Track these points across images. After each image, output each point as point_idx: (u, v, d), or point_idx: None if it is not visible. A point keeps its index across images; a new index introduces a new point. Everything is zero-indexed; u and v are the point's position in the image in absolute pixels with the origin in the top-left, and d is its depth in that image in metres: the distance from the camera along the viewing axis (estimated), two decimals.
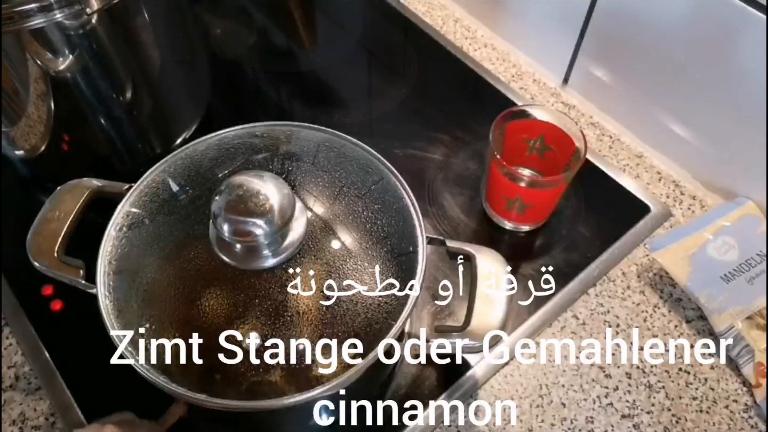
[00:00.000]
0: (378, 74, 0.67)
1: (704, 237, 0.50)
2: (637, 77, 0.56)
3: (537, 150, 0.52)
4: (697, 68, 0.51)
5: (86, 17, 0.42)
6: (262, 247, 0.39)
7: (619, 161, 0.58)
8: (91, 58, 0.46)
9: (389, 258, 0.39)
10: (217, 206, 0.37)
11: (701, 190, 0.57)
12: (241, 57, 0.68)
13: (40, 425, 0.45)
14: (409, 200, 0.41)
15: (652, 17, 0.52)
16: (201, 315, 0.45)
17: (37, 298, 0.49)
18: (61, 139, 0.51)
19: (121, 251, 0.41)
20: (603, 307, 0.50)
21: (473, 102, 0.63)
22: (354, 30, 0.71)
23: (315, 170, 0.44)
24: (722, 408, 0.45)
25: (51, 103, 0.47)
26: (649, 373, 0.47)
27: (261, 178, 0.38)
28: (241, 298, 0.46)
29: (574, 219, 0.54)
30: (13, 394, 0.46)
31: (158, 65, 0.52)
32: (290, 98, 0.66)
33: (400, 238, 0.40)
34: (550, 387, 0.46)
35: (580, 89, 0.63)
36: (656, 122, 0.57)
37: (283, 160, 0.44)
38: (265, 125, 0.45)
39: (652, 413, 0.45)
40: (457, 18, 0.70)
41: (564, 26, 0.59)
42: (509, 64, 0.65)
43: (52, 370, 0.46)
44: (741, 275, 0.48)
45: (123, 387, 0.39)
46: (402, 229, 0.40)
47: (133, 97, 0.51)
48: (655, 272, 0.51)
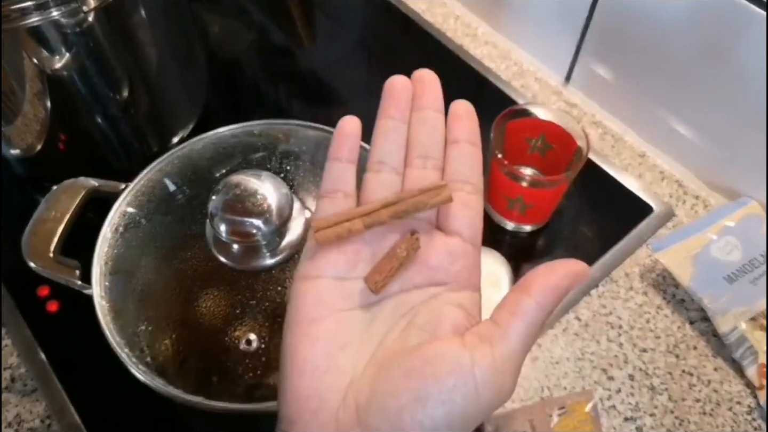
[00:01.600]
0: (377, 72, 0.67)
1: (707, 237, 0.49)
2: (640, 75, 0.56)
3: (538, 149, 0.51)
4: (701, 66, 0.51)
5: (83, 15, 0.42)
6: (260, 247, 0.39)
7: (622, 160, 0.58)
8: (88, 56, 0.45)
9: None
10: (214, 206, 0.37)
11: (704, 190, 0.56)
12: (239, 55, 0.68)
13: (36, 427, 0.44)
14: None
15: (654, 15, 0.51)
16: (198, 316, 0.45)
17: (33, 299, 0.49)
18: (57, 138, 0.51)
19: (118, 251, 0.41)
20: (605, 308, 0.50)
21: (474, 100, 0.62)
22: (353, 28, 0.71)
23: (314, 169, 0.43)
24: (725, 410, 0.45)
25: (47, 102, 0.47)
26: (652, 375, 0.46)
27: (259, 177, 0.38)
28: (239, 299, 0.46)
29: (576, 219, 0.54)
30: (8, 395, 0.45)
31: (155, 63, 0.51)
32: (289, 97, 0.65)
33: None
34: (552, 389, 0.46)
35: (582, 88, 0.62)
36: (659, 121, 0.57)
37: (282, 160, 0.43)
38: (263, 124, 0.44)
39: (655, 416, 0.45)
40: (458, 15, 0.69)
41: (566, 24, 0.59)
42: (510, 62, 0.65)
43: (48, 371, 0.46)
44: (744, 276, 0.48)
45: (119, 389, 0.39)
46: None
47: (130, 96, 0.50)
48: (657, 273, 0.51)
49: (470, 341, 0.23)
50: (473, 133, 0.28)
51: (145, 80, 0.51)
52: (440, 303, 0.25)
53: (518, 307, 0.24)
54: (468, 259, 0.26)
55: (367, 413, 0.23)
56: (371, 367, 0.24)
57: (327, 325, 0.25)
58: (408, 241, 0.26)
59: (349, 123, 0.27)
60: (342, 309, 0.25)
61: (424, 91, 0.28)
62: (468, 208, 0.27)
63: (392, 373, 0.23)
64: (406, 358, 0.23)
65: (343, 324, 0.25)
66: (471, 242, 0.27)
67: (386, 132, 0.28)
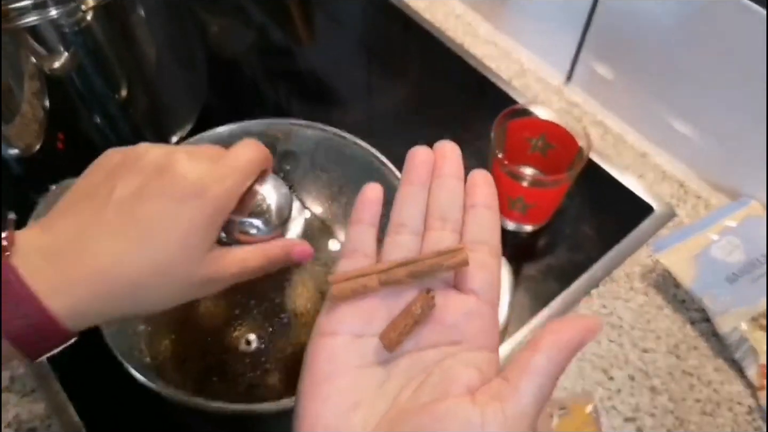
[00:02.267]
0: (377, 72, 0.67)
1: (709, 237, 0.49)
2: (641, 75, 0.56)
3: (539, 149, 0.51)
4: (702, 66, 0.50)
5: (81, 14, 0.42)
6: None
7: (623, 160, 0.58)
8: (87, 55, 0.45)
9: None
10: None
11: (706, 190, 0.56)
12: (239, 55, 0.67)
13: (35, 427, 0.44)
14: None
15: (655, 14, 0.51)
16: (198, 316, 0.45)
17: None
18: (56, 137, 0.51)
19: None
20: (606, 308, 0.49)
21: (474, 100, 0.62)
22: (353, 27, 0.71)
23: (313, 169, 0.43)
24: (726, 410, 0.45)
25: (46, 102, 0.47)
26: (652, 375, 0.46)
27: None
28: (239, 299, 0.46)
29: (577, 219, 0.54)
30: (8, 396, 0.45)
31: (154, 63, 0.51)
32: (288, 96, 0.65)
33: None
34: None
35: (583, 87, 0.62)
36: (660, 120, 0.56)
37: (281, 159, 0.43)
38: (262, 123, 0.44)
39: (655, 416, 0.45)
40: (459, 14, 0.69)
41: (567, 23, 0.59)
42: (511, 61, 0.65)
43: (47, 372, 0.46)
44: (745, 276, 0.48)
45: (118, 389, 0.39)
46: None
47: (129, 95, 0.50)
48: (658, 273, 0.51)
49: (481, 399, 0.23)
50: (491, 198, 0.29)
51: (143, 80, 0.51)
52: (455, 362, 0.25)
53: (529, 364, 0.23)
54: (484, 319, 0.26)
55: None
56: (383, 424, 0.24)
57: (340, 382, 0.25)
58: (423, 299, 0.26)
59: (372, 190, 0.29)
60: (356, 366, 0.25)
61: (445, 159, 0.30)
62: (485, 269, 0.27)
63: (402, 431, 0.23)
64: (417, 416, 0.23)
65: (357, 382, 0.25)
66: (488, 302, 0.27)
67: (407, 197, 0.29)
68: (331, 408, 0.24)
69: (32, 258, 0.26)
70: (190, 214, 0.27)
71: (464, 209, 0.29)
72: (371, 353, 0.25)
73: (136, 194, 0.27)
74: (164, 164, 0.27)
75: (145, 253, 0.26)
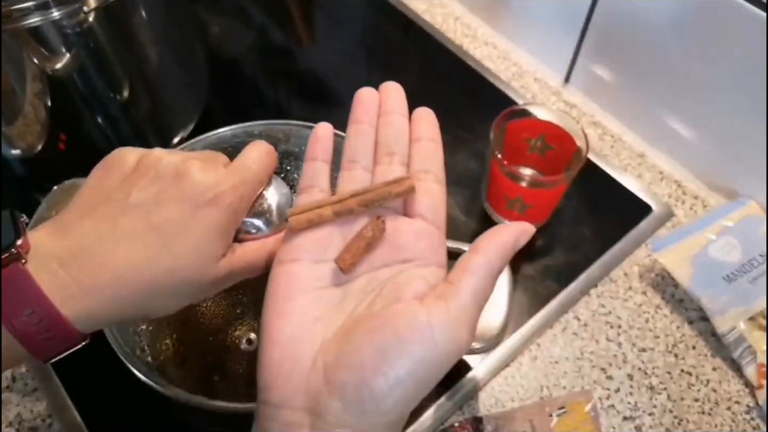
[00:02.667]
0: (377, 73, 0.67)
1: (706, 237, 0.49)
2: (639, 76, 0.56)
3: (538, 149, 0.51)
4: (700, 67, 0.51)
5: (83, 15, 0.42)
6: None
7: (621, 160, 0.58)
8: (88, 56, 0.45)
9: None
10: None
11: (704, 190, 0.56)
12: (239, 55, 0.68)
13: (36, 426, 0.44)
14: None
15: (654, 15, 0.51)
16: (199, 316, 0.45)
17: None
18: (57, 138, 0.51)
19: None
20: (605, 308, 0.50)
21: (473, 101, 0.62)
22: (353, 28, 0.71)
23: None
24: (724, 410, 0.45)
25: (47, 102, 0.47)
26: (651, 374, 0.47)
27: None
28: (240, 298, 0.46)
29: (576, 219, 0.54)
30: (9, 395, 0.45)
31: (156, 64, 0.51)
32: (289, 97, 0.65)
33: None
34: (552, 389, 0.46)
35: (582, 88, 0.62)
36: (658, 121, 0.57)
37: (281, 160, 0.44)
38: (263, 124, 0.44)
39: (653, 415, 0.45)
40: (458, 16, 0.69)
41: (565, 24, 0.59)
42: (510, 62, 0.65)
43: (48, 371, 0.46)
44: (743, 276, 0.48)
45: (120, 389, 0.39)
46: None
47: (131, 96, 0.50)
48: (656, 273, 0.51)
49: (427, 301, 0.25)
50: (434, 132, 0.31)
51: (145, 80, 0.51)
52: (405, 276, 0.27)
53: (468, 265, 0.26)
54: (432, 239, 0.28)
55: (333, 371, 0.24)
56: (339, 332, 0.26)
57: (301, 301, 0.27)
58: (374, 223, 0.28)
59: (323, 128, 0.31)
60: (315, 288, 0.27)
61: (390, 98, 0.32)
62: (430, 195, 0.29)
63: (356, 334, 0.25)
64: (369, 320, 0.25)
65: (316, 300, 0.27)
66: (434, 224, 0.29)
67: (356, 134, 0.31)
68: (294, 322, 0.26)
69: (48, 264, 0.26)
70: (206, 220, 0.28)
71: (410, 143, 0.31)
72: (329, 276, 0.28)
73: (153, 200, 0.28)
74: (180, 171, 0.28)
75: (162, 259, 0.27)
